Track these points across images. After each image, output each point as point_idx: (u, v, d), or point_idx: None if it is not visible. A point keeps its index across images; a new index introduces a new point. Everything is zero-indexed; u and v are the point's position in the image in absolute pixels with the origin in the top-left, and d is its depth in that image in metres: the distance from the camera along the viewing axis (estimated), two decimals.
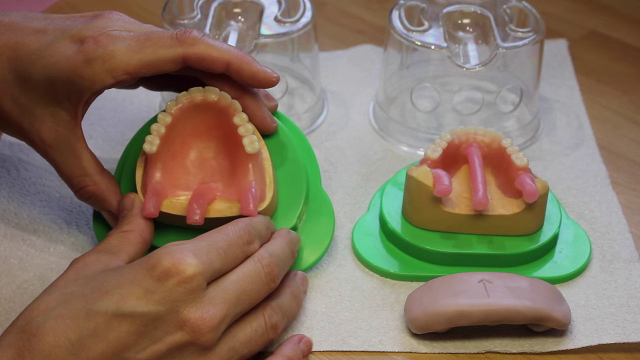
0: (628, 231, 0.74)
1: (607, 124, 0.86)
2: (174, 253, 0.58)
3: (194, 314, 0.57)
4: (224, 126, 0.68)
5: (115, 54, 0.65)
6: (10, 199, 0.76)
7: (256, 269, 0.61)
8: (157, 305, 0.57)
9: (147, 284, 0.57)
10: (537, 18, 0.82)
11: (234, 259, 0.61)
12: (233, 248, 0.61)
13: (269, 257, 0.62)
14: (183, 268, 0.57)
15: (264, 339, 0.61)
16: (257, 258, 0.62)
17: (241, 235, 0.62)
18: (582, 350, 0.65)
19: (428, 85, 0.84)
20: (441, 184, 0.68)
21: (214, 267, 0.59)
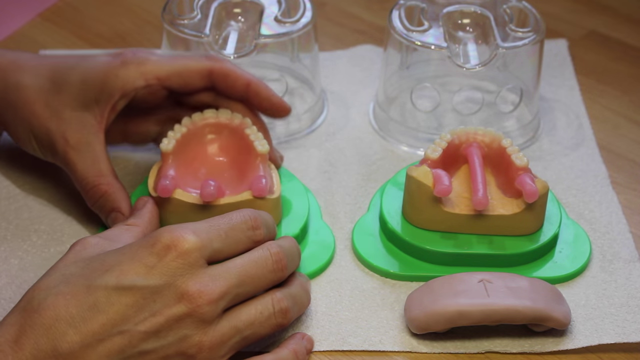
0: (628, 231, 0.74)
1: (607, 124, 0.86)
2: (173, 230, 0.59)
3: (192, 287, 0.58)
4: (235, 143, 0.72)
5: (150, 60, 0.72)
6: (11, 200, 0.76)
7: (263, 255, 0.62)
8: (156, 278, 0.58)
9: (147, 259, 0.58)
10: (537, 18, 0.82)
11: (236, 241, 0.62)
12: (235, 231, 0.62)
13: (278, 247, 0.63)
14: (181, 242, 0.59)
15: (271, 323, 0.61)
16: (266, 246, 0.63)
17: (245, 220, 0.63)
18: (582, 350, 0.65)
19: (428, 85, 0.84)
20: (441, 184, 0.68)
21: (213, 246, 0.60)
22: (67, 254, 0.62)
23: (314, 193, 0.77)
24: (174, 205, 0.68)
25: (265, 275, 0.62)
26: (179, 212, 0.69)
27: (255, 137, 0.71)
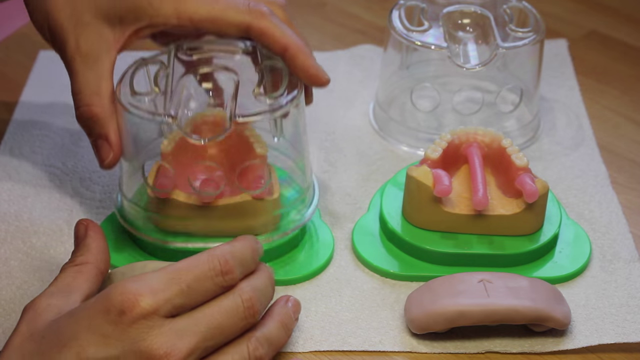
0: (628, 231, 0.74)
1: (607, 124, 0.86)
2: (127, 291, 0.55)
3: (158, 350, 0.54)
4: (235, 144, 0.70)
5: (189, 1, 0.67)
6: (11, 202, 0.76)
7: (235, 303, 0.58)
8: (117, 347, 0.54)
9: (103, 328, 0.54)
10: (537, 18, 0.82)
11: (203, 293, 0.57)
12: (201, 282, 0.57)
13: (251, 291, 0.59)
14: (135, 306, 0.54)
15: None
16: (238, 292, 0.59)
17: (214, 266, 0.58)
18: (582, 350, 0.65)
19: (428, 85, 0.84)
20: (441, 184, 0.68)
21: (174, 303, 0.56)
22: (19, 324, 0.57)
23: None
24: (173, 206, 0.68)
25: (237, 323, 0.58)
26: (177, 213, 0.68)
27: (255, 139, 0.70)
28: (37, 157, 0.80)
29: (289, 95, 0.67)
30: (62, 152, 0.81)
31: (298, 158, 0.72)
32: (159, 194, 0.68)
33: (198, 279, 0.57)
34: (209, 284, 0.58)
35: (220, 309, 0.57)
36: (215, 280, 0.58)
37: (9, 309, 0.67)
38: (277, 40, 0.67)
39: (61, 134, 0.83)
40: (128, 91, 0.67)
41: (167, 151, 0.69)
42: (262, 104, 0.67)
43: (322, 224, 0.74)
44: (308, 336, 0.65)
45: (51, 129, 0.83)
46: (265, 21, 0.67)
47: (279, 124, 0.69)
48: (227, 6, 0.67)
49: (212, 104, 0.70)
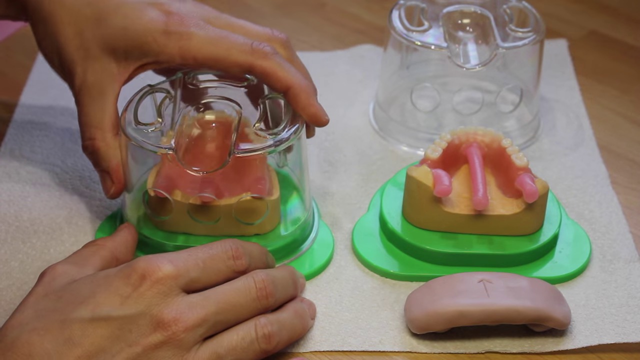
0: (628, 231, 0.74)
1: (607, 124, 0.86)
2: (149, 259, 0.59)
3: (167, 315, 0.57)
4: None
5: (193, 37, 0.68)
6: (11, 202, 0.76)
7: (247, 284, 0.61)
8: (131, 308, 0.57)
9: (122, 290, 0.57)
10: (537, 18, 0.82)
11: (216, 271, 0.61)
12: (215, 261, 0.61)
13: (265, 275, 0.62)
14: (156, 271, 0.58)
15: (254, 349, 0.60)
16: (251, 275, 0.62)
17: (226, 250, 0.62)
18: (582, 350, 0.65)
19: (428, 85, 0.84)
20: (441, 184, 0.68)
21: (190, 275, 0.59)
22: (36, 286, 0.60)
23: (314, 193, 0.77)
24: (172, 208, 0.68)
25: (248, 303, 0.60)
26: (177, 214, 0.68)
27: (254, 138, 0.70)
28: (37, 157, 0.80)
29: (291, 129, 0.68)
30: (62, 152, 0.81)
31: (298, 187, 0.73)
32: (159, 193, 0.68)
33: (212, 258, 0.61)
34: (221, 265, 0.61)
35: (231, 287, 0.60)
36: (228, 263, 0.61)
37: (9, 309, 0.67)
38: (280, 80, 0.68)
39: (61, 134, 0.83)
40: (132, 120, 0.68)
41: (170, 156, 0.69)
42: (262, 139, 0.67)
43: (322, 224, 0.74)
44: (308, 336, 0.65)
45: (51, 129, 0.83)
46: (268, 61, 0.68)
47: (283, 155, 0.72)
48: (230, 46, 0.68)
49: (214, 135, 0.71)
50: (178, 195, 0.68)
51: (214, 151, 0.69)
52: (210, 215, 0.68)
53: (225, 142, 0.69)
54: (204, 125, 0.70)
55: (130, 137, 0.67)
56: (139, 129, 0.67)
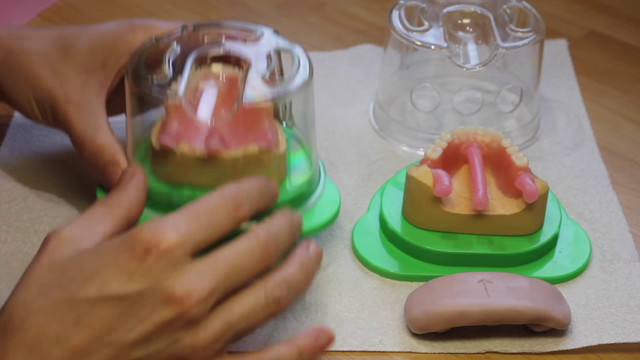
0: (628, 231, 0.74)
1: (607, 124, 0.86)
2: (152, 228, 0.56)
3: (179, 288, 0.55)
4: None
5: (158, 26, 0.71)
6: (12, 202, 0.76)
7: (250, 245, 0.59)
8: (140, 284, 0.55)
9: (128, 265, 0.55)
10: (537, 18, 0.82)
11: (219, 227, 0.59)
12: (216, 216, 0.58)
13: (265, 233, 0.60)
14: (161, 242, 0.56)
15: (265, 314, 0.59)
16: (253, 234, 0.59)
17: (225, 201, 0.59)
18: (582, 350, 0.65)
19: (428, 85, 0.84)
20: (441, 184, 0.68)
21: (196, 239, 0.57)
22: (40, 254, 0.58)
23: None
24: (178, 160, 0.66)
25: (253, 266, 0.58)
26: (183, 166, 0.66)
27: (262, 88, 0.67)
28: (38, 157, 0.80)
29: (298, 80, 0.67)
30: (62, 152, 0.81)
31: (304, 143, 0.71)
32: (165, 145, 0.66)
33: (214, 214, 0.58)
34: (224, 219, 0.59)
35: (236, 251, 0.58)
36: (230, 215, 0.59)
37: None
38: None
39: (61, 134, 0.83)
40: (137, 70, 0.67)
41: (172, 105, 0.68)
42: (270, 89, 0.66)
43: (329, 181, 0.72)
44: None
45: (51, 130, 0.83)
46: None
47: (288, 109, 0.70)
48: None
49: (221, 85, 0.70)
50: (184, 148, 0.66)
51: (221, 103, 0.68)
52: (216, 167, 0.66)
53: (233, 93, 0.68)
54: (211, 78, 0.69)
55: (137, 85, 0.66)
56: (144, 78, 0.67)
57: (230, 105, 0.67)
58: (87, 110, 0.70)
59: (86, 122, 0.70)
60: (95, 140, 0.69)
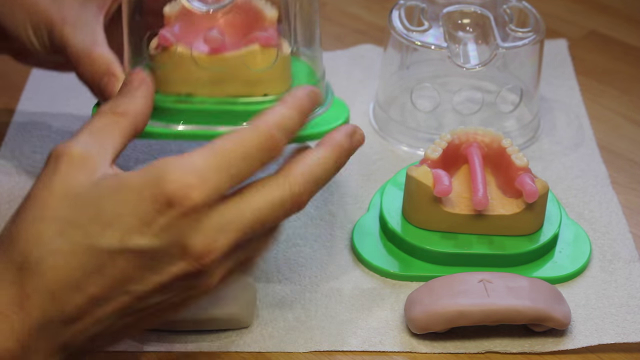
0: (628, 231, 0.74)
1: (607, 124, 0.86)
2: (177, 179, 0.53)
3: (200, 245, 0.54)
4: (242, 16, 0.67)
5: None
6: (12, 202, 0.76)
7: (283, 197, 0.56)
8: (161, 237, 0.53)
9: (150, 216, 0.53)
10: (537, 18, 0.82)
11: (250, 172, 0.55)
12: (248, 160, 0.55)
13: (304, 184, 0.56)
14: (185, 198, 0.53)
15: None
16: (289, 183, 0.56)
17: (260, 143, 0.55)
18: (582, 350, 0.65)
19: (428, 85, 0.84)
20: (441, 184, 0.68)
21: (223, 190, 0.54)
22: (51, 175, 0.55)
23: None
24: (176, 61, 0.64)
25: (279, 217, 0.56)
26: (180, 66, 0.64)
27: (262, 5, 0.66)
28: (38, 157, 0.80)
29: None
30: None
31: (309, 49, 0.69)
32: (164, 39, 0.63)
33: (245, 159, 0.55)
34: (257, 162, 0.56)
35: (266, 201, 0.56)
36: (264, 159, 0.56)
37: None
38: None
39: (61, 134, 0.83)
40: None
41: (172, 14, 0.66)
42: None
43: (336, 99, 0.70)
44: (308, 336, 0.65)
45: (51, 129, 0.83)
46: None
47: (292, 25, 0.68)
48: None
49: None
50: (182, 48, 0.64)
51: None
52: (217, 67, 0.64)
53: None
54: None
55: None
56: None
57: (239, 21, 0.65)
58: (84, 28, 0.69)
59: (82, 39, 0.69)
60: (92, 54, 0.68)
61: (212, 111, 0.65)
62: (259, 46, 0.64)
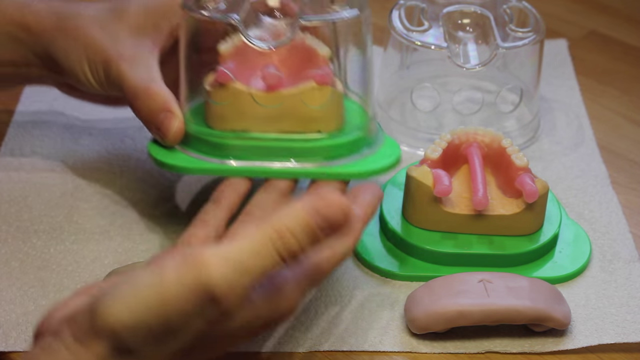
0: (628, 231, 0.74)
1: (607, 124, 0.86)
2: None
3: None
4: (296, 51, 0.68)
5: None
6: (11, 202, 0.76)
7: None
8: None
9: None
10: (537, 18, 0.82)
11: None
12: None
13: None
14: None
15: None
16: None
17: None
18: (582, 350, 0.65)
19: (428, 85, 0.84)
20: (441, 184, 0.68)
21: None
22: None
23: None
24: (233, 97, 0.65)
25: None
26: (238, 105, 0.66)
27: (316, 44, 0.68)
28: (38, 156, 0.80)
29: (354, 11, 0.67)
30: (62, 152, 0.81)
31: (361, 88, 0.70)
32: (222, 74, 0.65)
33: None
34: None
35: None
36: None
37: (9, 309, 0.67)
38: None
39: (61, 134, 0.83)
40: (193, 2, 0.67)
41: (227, 53, 0.67)
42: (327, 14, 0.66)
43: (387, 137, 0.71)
44: (308, 336, 0.66)
45: (51, 129, 0.83)
46: None
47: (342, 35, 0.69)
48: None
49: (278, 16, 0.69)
50: (239, 85, 0.65)
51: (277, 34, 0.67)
52: (274, 101, 0.65)
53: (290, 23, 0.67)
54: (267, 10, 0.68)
55: (194, 11, 0.66)
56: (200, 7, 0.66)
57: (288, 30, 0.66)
58: (140, 64, 0.70)
59: (139, 75, 0.69)
60: (149, 90, 0.68)
61: (266, 147, 0.67)
62: (315, 83, 0.66)
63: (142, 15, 0.71)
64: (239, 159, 0.67)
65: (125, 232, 0.73)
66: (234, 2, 0.68)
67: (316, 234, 0.54)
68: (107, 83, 0.71)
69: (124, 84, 0.69)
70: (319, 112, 0.67)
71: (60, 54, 0.72)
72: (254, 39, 0.66)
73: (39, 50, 0.73)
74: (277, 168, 0.67)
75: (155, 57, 0.71)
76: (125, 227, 0.74)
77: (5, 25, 0.73)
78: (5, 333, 0.65)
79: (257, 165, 0.67)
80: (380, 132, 0.71)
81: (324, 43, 0.68)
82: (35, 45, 0.73)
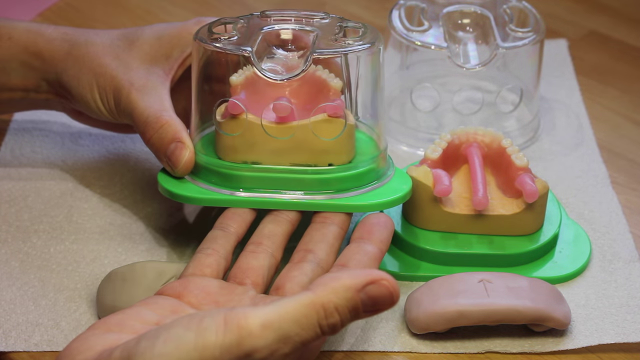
0: (628, 231, 0.74)
1: (607, 124, 0.86)
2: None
3: None
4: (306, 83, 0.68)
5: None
6: (11, 202, 0.76)
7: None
8: None
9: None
10: (537, 18, 0.82)
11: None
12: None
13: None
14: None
15: None
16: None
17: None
18: (582, 350, 0.65)
19: (428, 85, 0.84)
20: (441, 184, 0.68)
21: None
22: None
23: None
24: (245, 128, 0.65)
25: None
26: (250, 136, 0.66)
27: (327, 76, 0.68)
28: (38, 156, 0.80)
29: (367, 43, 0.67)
30: (62, 152, 0.81)
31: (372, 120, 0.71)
32: (233, 105, 0.65)
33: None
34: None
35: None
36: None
37: (9, 309, 0.67)
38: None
39: (61, 134, 0.83)
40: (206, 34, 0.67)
41: (238, 84, 0.67)
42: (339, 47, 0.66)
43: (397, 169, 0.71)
44: None
45: (51, 129, 0.83)
46: None
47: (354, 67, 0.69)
48: None
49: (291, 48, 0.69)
50: (250, 116, 0.65)
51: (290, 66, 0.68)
52: (285, 133, 0.66)
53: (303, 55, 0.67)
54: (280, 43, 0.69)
55: (206, 43, 0.66)
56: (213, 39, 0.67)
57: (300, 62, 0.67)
58: (151, 93, 0.70)
59: (150, 104, 0.69)
60: (159, 119, 0.68)
61: (277, 179, 0.67)
62: (327, 116, 0.66)
63: (155, 44, 0.71)
64: (248, 190, 0.67)
65: (125, 232, 0.73)
66: (247, 33, 0.68)
67: (360, 312, 0.54)
68: (118, 111, 0.71)
69: (135, 113, 0.69)
70: (330, 144, 0.67)
71: (72, 81, 0.72)
72: (266, 71, 0.66)
73: (51, 77, 0.73)
74: (287, 200, 0.67)
75: (166, 86, 0.71)
76: (125, 227, 0.74)
77: (18, 54, 0.73)
78: (5, 333, 0.65)
79: (266, 197, 0.67)
80: (390, 164, 0.71)
81: (335, 75, 0.68)
82: (47, 72, 0.73)
